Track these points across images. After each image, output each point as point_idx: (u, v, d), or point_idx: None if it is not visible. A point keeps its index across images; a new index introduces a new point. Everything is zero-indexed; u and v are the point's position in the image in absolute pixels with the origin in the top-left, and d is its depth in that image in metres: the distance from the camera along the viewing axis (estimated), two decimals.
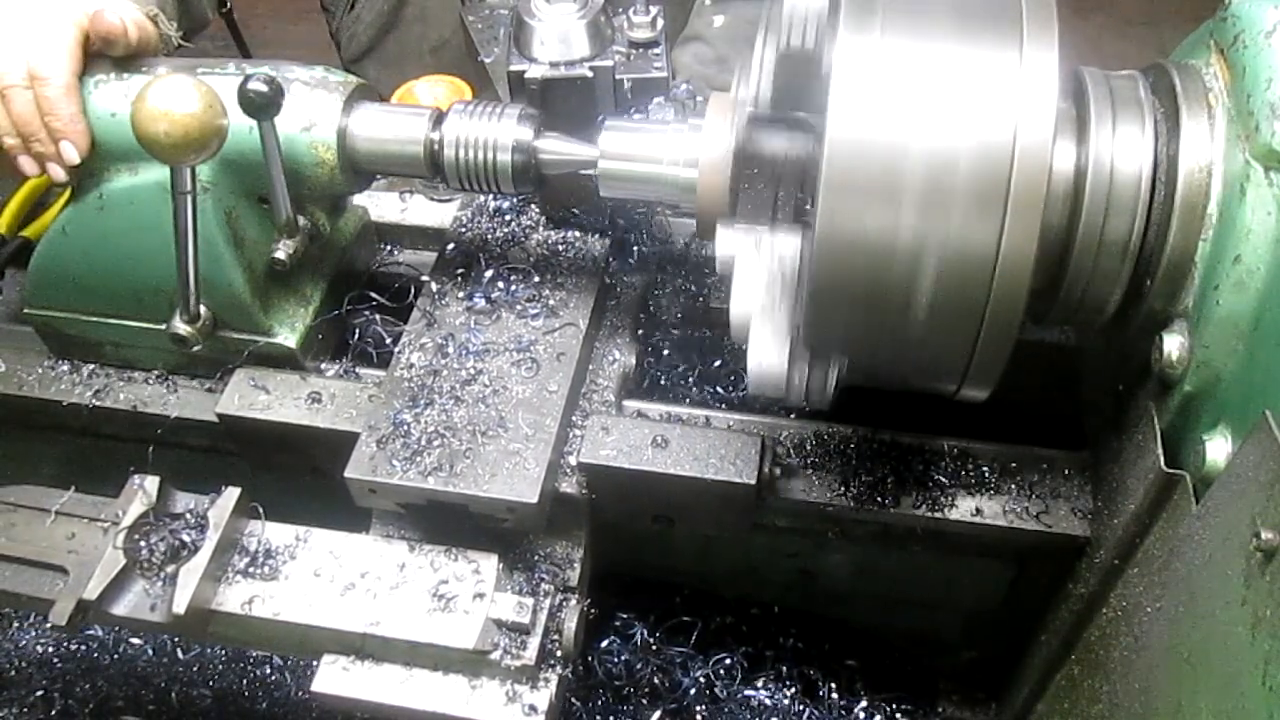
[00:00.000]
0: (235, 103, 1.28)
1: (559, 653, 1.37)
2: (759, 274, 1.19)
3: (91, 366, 1.64)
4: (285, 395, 1.52)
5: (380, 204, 1.78)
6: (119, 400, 1.60)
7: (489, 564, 1.36)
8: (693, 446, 1.40)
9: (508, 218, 1.66)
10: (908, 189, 1.04)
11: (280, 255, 1.47)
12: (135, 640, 1.96)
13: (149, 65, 1.46)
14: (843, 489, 1.44)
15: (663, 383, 1.66)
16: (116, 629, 1.94)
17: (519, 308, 1.53)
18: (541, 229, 1.64)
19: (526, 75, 1.45)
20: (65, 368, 1.64)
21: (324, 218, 1.57)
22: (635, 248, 1.66)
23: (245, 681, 1.93)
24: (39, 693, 1.89)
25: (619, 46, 1.49)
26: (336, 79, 1.44)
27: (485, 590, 1.34)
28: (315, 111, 1.40)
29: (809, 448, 1.47)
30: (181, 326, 1.46)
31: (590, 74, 1.45)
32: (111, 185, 1.45)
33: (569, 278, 1.57)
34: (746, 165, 1.23)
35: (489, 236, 1.63)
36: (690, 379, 1.66)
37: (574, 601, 1.40)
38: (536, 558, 1.43)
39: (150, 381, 1.62)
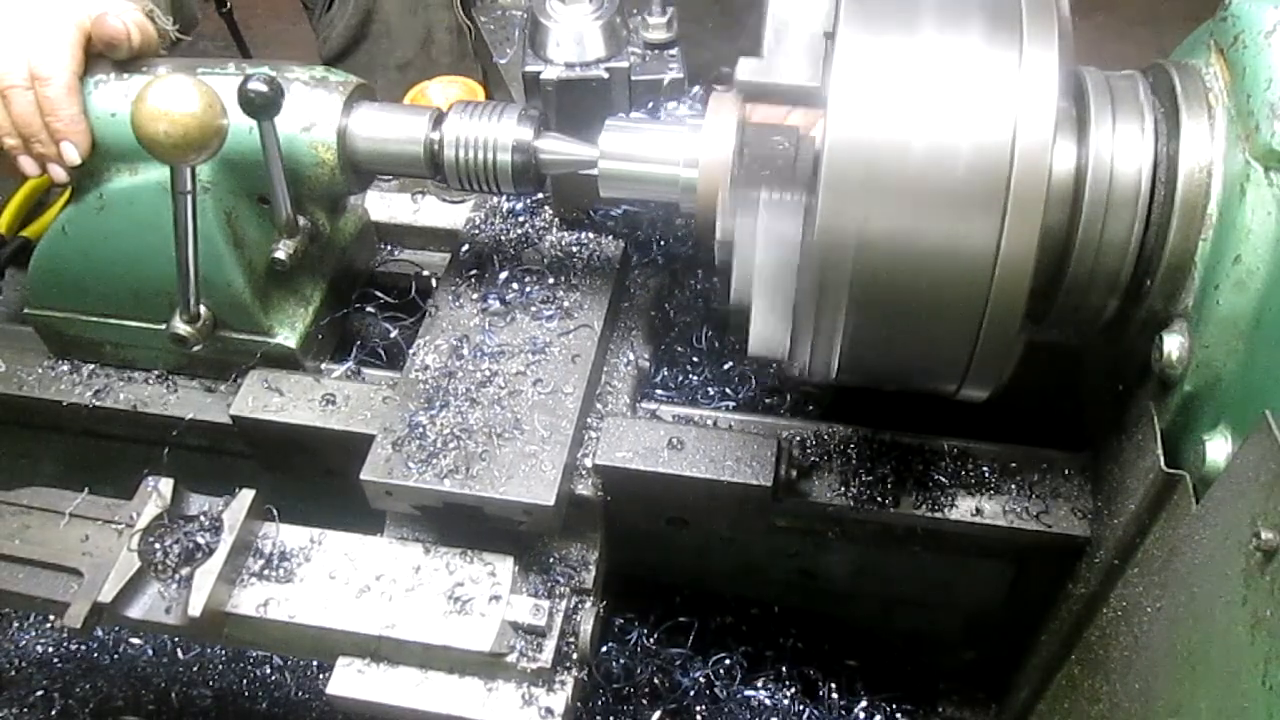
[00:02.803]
0: (235, 103, 1.28)
1: (575, 655, 1.37)
2: (759, 250, 1.17)
3: (91, 366, 1.63)
4: (299, 397, 1.51)
5: (392, 205, 1.78)
6: (119, 400, 1.60)
7: (505, 566, 1.36)
8: (708, 448, 1.40)
9: (521, 219, 1.65)
10: (907, 189, 1.04)
11: (280, 255, 1.46)
12: (135, 640, 1.96)
13: (149, 65, 1.46)
14: (843, 489, 1.44)
15: (670, 383, 1.66)
16: (116, 629, 1.94)
17: (534, 309, 1.52)
18: (555, 230, 1.64)
19: (542, 76, 1.44)
20: (65, 368, 1.64)
21: (324, 218, 1.57)
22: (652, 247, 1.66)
23: (245, 681, 1.93)
24: (39, 693, 1.89)
25: (634, 48, 1.48)
26: (337, 79, 1.44)
27: (501, 593, 1.34)
28: (315, 111, 1.40)
29: (809, 448, 1.47)
30: (181, 326, 1.46)
31: (605, 75, 1.44)
32: (111, 185, 1.45)
33: (583, 279, 1.56)
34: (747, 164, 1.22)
35: (503, 238, 1.63)
36: (696, 379, 1.66)
37: (589, 604, 1.40)
38: (552, 560, 1.43)
39: (150, 381, 1.62)
